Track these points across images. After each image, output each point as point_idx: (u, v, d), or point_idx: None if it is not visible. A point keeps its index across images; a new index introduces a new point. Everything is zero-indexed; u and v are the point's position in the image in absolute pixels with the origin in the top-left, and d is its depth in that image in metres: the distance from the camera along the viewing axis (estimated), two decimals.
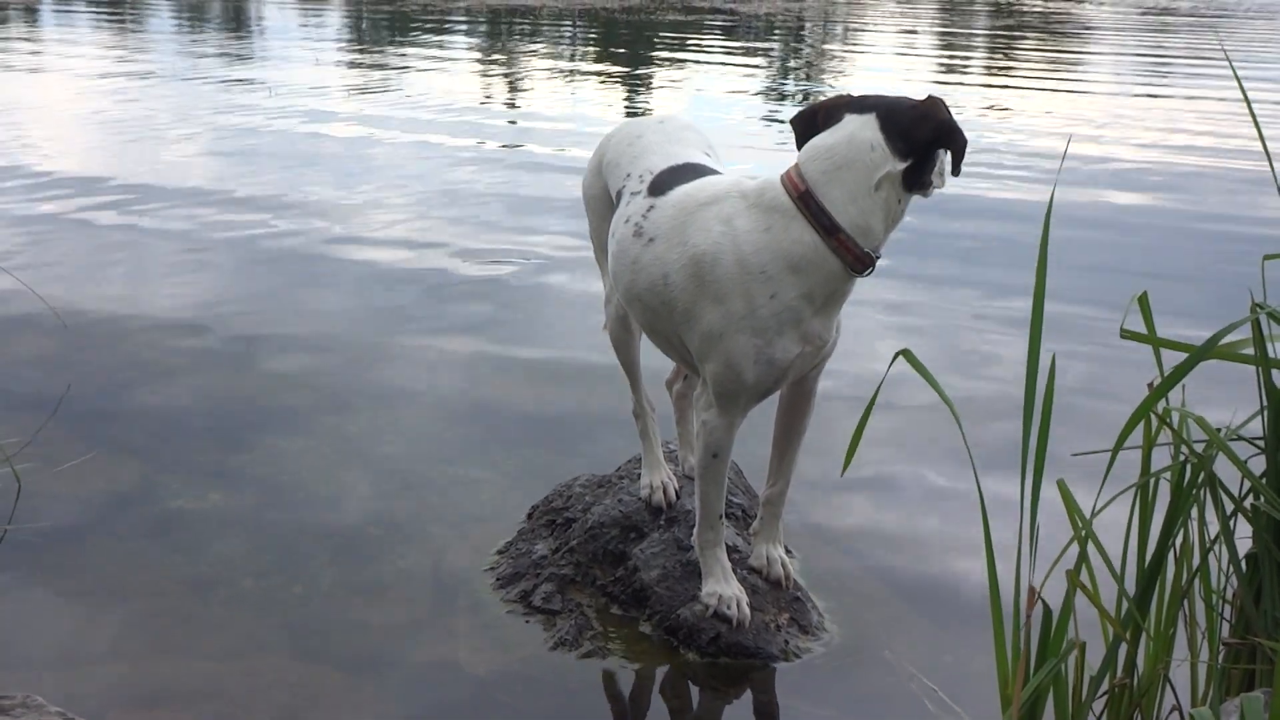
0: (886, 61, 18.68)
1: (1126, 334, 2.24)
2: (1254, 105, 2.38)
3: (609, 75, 15.51)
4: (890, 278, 6.06)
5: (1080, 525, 2.10)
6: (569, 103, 12.61)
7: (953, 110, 2.59)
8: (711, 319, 2.63)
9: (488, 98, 13.01)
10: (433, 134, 10.21)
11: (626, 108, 12.35)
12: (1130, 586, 2.19)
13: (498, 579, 3.22)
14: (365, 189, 8.07)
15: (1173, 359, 2.14)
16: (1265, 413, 2.21)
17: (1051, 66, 17.48)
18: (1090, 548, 2.13)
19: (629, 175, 2.96)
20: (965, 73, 17.14)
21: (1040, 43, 21.95)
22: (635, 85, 14.42)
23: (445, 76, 14.51)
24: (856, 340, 2.47)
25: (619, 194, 2.97)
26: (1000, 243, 6.88)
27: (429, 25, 22.18)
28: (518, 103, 12.82)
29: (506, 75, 15.52)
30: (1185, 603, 2.26)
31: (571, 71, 15.79)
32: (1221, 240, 7.00)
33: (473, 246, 6.62)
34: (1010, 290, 5.86)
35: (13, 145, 9.28)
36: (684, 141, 3.05)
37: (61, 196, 7.56)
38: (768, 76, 15.89)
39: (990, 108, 13.02)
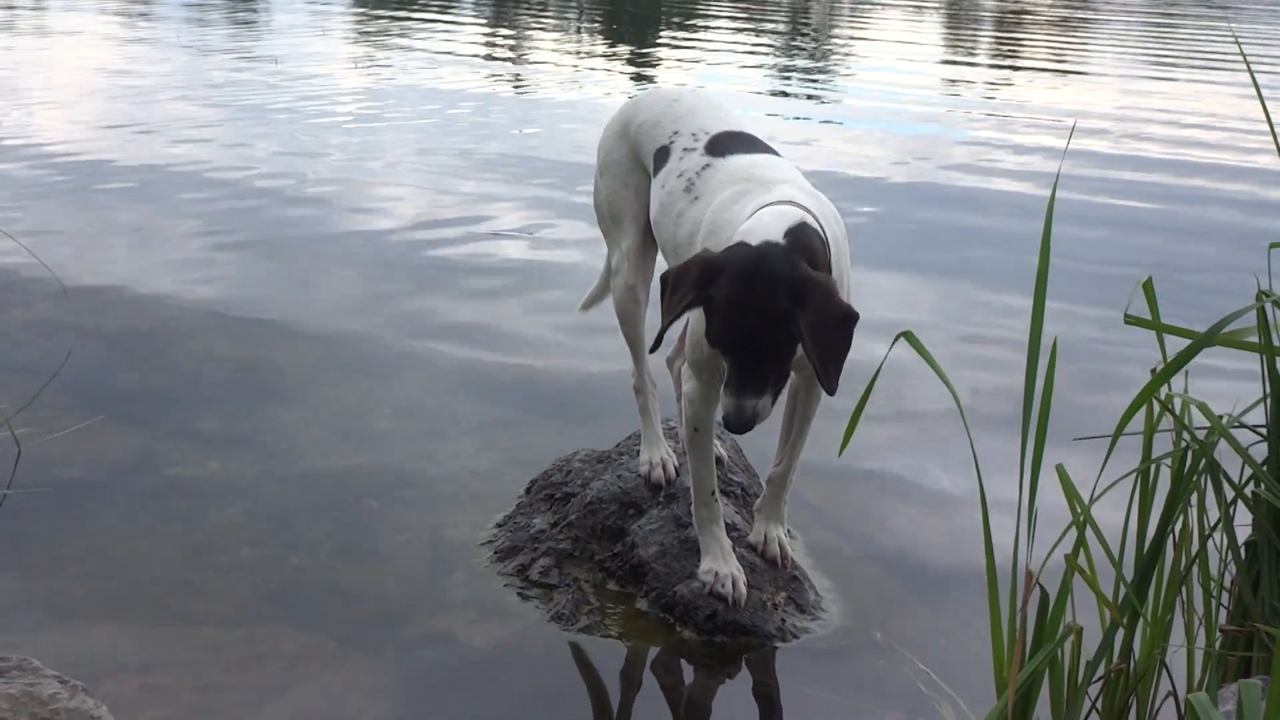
0: (890, 42, 18.61)
1: (1130, 319, 2.23)
2: (1262, 91, 2.37)
3: (614, 50, 15.45)
4: (894, 263, 6.05)
5: (1079, 510, 2.09)
6: (575, 76, 12.56)
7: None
8: None
9: (494, 72, 12.96)
10: (438, 106, 10.18)
11: (633, 81, 12.30)
12: (1129, 572, 2.18)
13: (495, 552, 3.21)
14: (370, 162, 8.05)
15: (1176, 345, 2.13)
16: (1268, 400, 2.21)
17: (1057, 54, 17.42)
18: (1089, 533, 2.13)
19: (677, 133, 2.96)
20: (971, 57, 17.09)
21: (1046, 31, 21.88)
22: (640, 59, 14.37)
23: (451, 51, 14.45)
24: (860, 322, 2.46)
25: (663, 151, 2.97)
26: (1004, 228, 6.86)
27: (434, 2, 22.10)
28: (524, 77, 12.78)
29: (513, 49, 15.47)
30: (1183, 589, 2.26)
31: (578, 46, 15.73)
32: (1227, 228, 6.99)
33: (476, 219, 6.61)
34: (1014, 276, 5.84)
35: (16, 112, 9.25)
36: (723, 108, 3.07)
37: (64, 163, 7.54)
38: (774, 50, 15.83)
39: (995, 93, 12.99)
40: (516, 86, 11.90)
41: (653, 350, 2.61)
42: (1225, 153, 9.35)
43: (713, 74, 13.10)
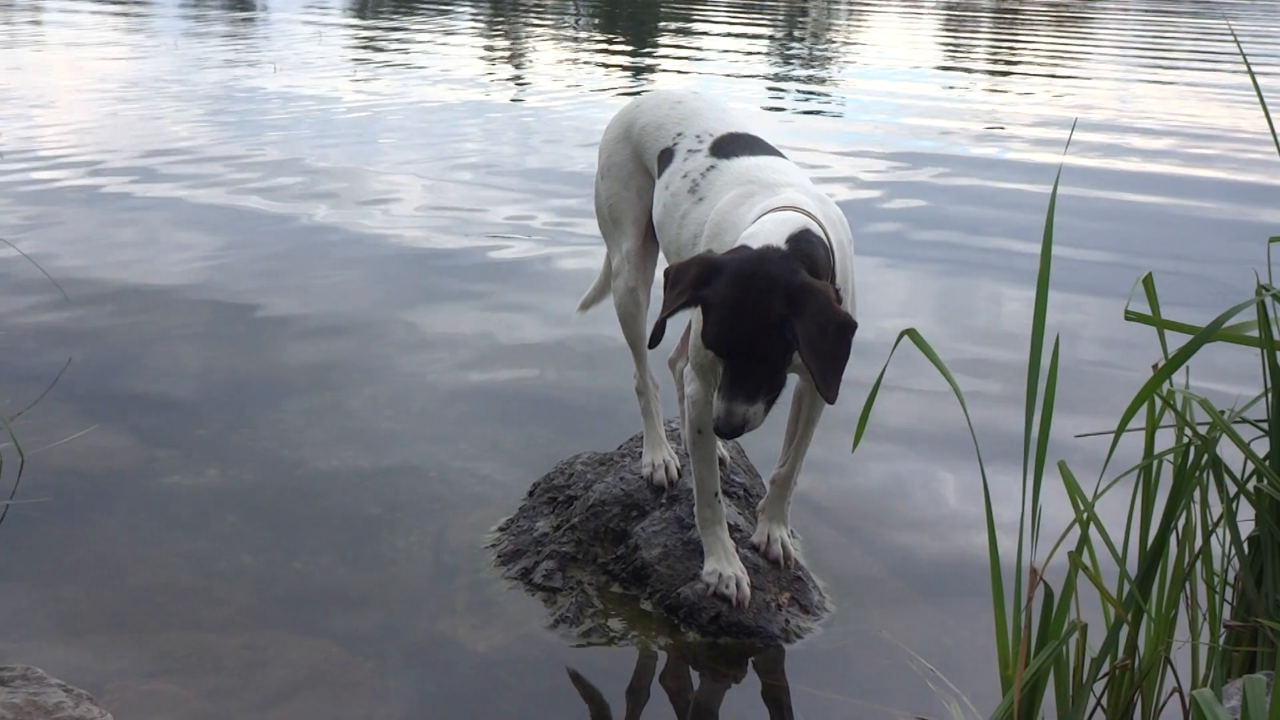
0: (888, 42, 18.61)
1: (1131, 315, 2.23)
2: (1260, 86, 2.37)
3: (611, 52, 15.45)
4: (898, 259, 6.05)
5: (1082, 507, 2.09)
6: (572, 77, 12.56)
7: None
8: None
9: (491, 73, 12.97)
10: (438, 110, 10.19)
11: (631, 81, 12.30)
12: (1132, 569, 2.18)
13: (499, 556, 3.21)
14: (370, 164, 8.05)
15: (1177, 341, 2.13)
16: (1269, 395, 2.20)
17: (1055, 52, 17.42)
18: (1092, 530, 2.12)
19: (680, 135, 2.96)
20: (969, 56, 17.09)
21: (1043, 29, 21.87)
22: (637, 61, 14.37)
23: (449, 52, 14.46)
24: (865, 321, 2.47)
25: (666, 153, 2.97)
26: (1007, 224, 6.86)
27: (432, 1, 22.10)
28: (522, 78, 12.78)
29: (510, 53, 15.47)
30: (1187, 585, 2.26)
31: (575, 46, 15.74)
32: (1228, 223, 6.98)
33: (476, 223, 6.61)
34: (1016, 272, 5.85)
35: (15, 119, 9.25)
36: (727, 109, 3.07)
37: (64, 169, 7.54)
38: (772, 51, 15.83)
39: (993, 92, 12.99)
40: (515, 89, 11.89)
41: (651, 345, 2.60)
42: (1225, 149, 9.34)
43: (709, 76, 13.10)
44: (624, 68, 13.75)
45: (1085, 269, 5.83)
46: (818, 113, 10.71)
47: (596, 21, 20.49)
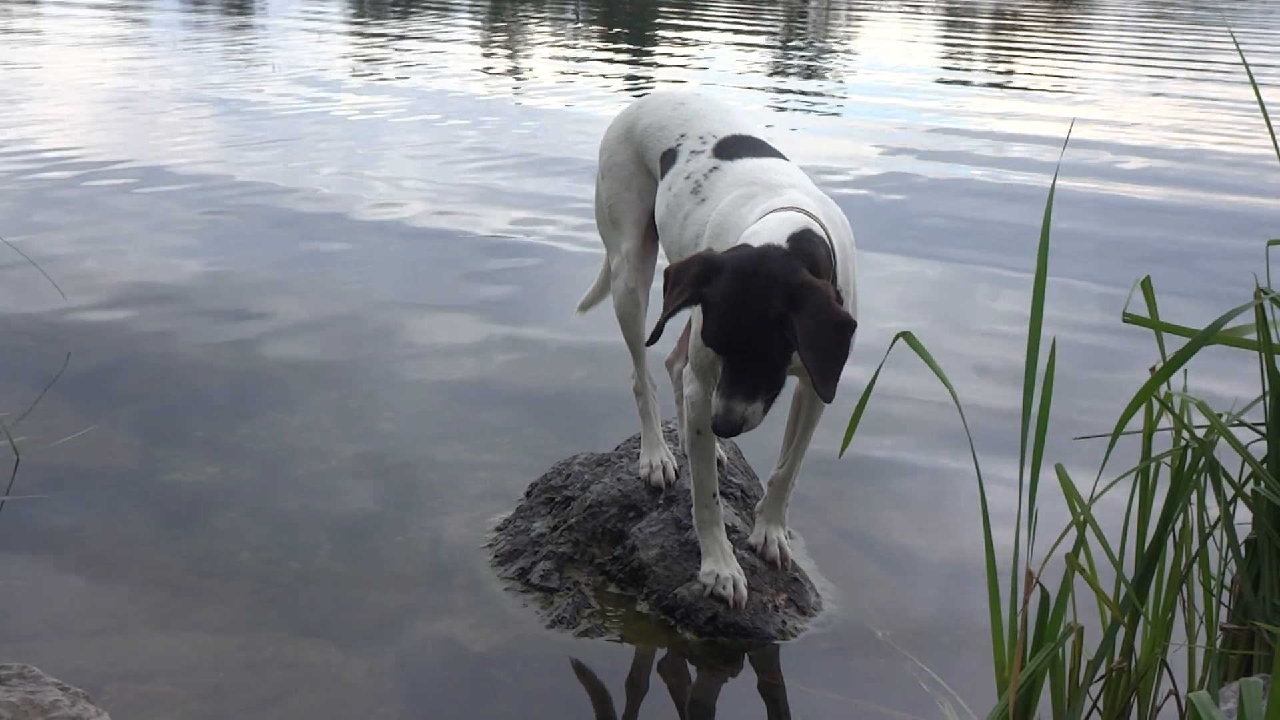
0: (887, 44, 18.62)
1: (1129, 318, 2.23)
2: (1259, 89, 2.37)
3: (611, 54, 15.46)
4: (896, 262, 6.05)
5: (1079, 509, 2.09)
6: (573, 79, 12.56)
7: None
8: None
9: (493, 77, 12.97)
10: (439, 113, 10.19)
11: (630, 91, 12.30)
12: (1129, 571, 2.18)
13: (496, 556, 3.21)
14: (368, 166, 8.05)
15: (1175, 344, 2.13)
16: (1267, 398, 2.21)
17: (1053, 55, 17.43)
18: (1089, 532, 2.13)
19: (684, 136, 2.97)
20: (968, 59, 17.11)
21: (1042, 33, 21.89)
22: (637, 64, 14.37)
23: (447, 58, 14.46)
24: (862, 322, 2.47)
25: (670, 153, 2.98)
26: (1005, 227, 6.86)
27: (431, 2, 22.11)
28: (522, 80, 12.78)
29: (510, 55, 15.48)
30: (1184, 588, 2.26)
31: (575, 55, 15.75)
32: (1226, 226, 6.98)
33: (476, 224, 6.61)
34: (1014, 275, 5.84)
35: (14, 120, 9.25)
36: (730, 111, 3.08)
37: (62, 169, 7.54)
38: (771, 53, 15.84)
39: (992, 95, 12.99)
40: (515, 90, 11.89)
41: (650, 342, 2.60)
42: (1225, 151, 9.34)
43: (709, 78, 13.11)
44: (623, 77, 13.74)
45: (1084, 271, 5.82)
46: (816, 127, 10.69)
47: (595, 21, 20.49)
